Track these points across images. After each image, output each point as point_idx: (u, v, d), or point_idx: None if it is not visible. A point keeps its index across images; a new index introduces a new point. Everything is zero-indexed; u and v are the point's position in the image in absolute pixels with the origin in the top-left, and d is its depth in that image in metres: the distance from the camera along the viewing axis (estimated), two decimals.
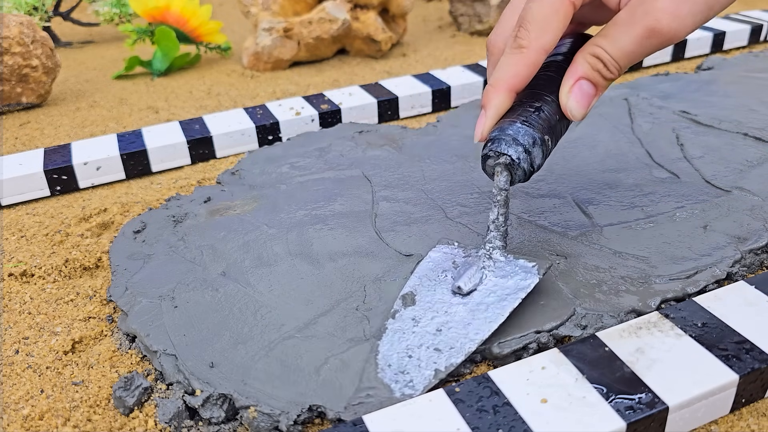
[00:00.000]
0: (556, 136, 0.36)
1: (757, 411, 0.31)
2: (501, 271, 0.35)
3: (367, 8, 0.81)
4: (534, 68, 0.35)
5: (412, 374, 0.31)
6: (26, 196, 0.52)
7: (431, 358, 0.32)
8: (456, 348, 0.32)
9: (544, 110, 0.35)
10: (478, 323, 0.33)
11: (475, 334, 0.33)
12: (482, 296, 0.35)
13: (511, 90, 0.35)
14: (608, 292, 0.36)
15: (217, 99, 0.72)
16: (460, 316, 0.34)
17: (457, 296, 0.35)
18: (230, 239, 0.43)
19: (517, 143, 0.34)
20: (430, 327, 0.33)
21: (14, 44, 0.65)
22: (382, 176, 0.49)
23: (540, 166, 0.36)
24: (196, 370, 0.32)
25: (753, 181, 0.46)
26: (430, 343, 0.33)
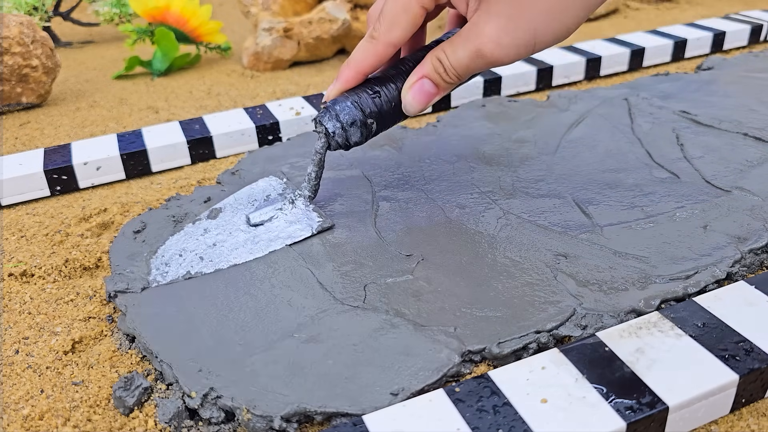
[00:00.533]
0: (385, 121, 0.41)
1: (757, 411, 0.31)
2: (292, 216, 0.41)
3: (367, 8, 0.81)
4: (381, 58, 0.39)
5: (170, 268, 0.37)
6: (26, 196, 0.52)
7: (192, 262, 0.37)
8: (214, 262, 0.38)
9: (381, 96, 0.40)
10: (241, 251, 0.39)
11: (234, 258, 0.38)
12: (262, 232, 0.40)
13: (359, 72, 0.40)
14: (608, 292, 0.36)
15: (217, 99, 0.72)
16: (236, 240, 0.39)
17: (246, 224, 0.40)
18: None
19: (337, 119, 0.40)
20: (210, 240, 0.39)
21: (14, 44, 0.65)
22: (382, 176, 0.49)
23: (358, 142, 0.40)
24: (193, 371, 0.32)
25: (753, 181, 0.46)
26: (201, 251, 0.38)
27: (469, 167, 0.50)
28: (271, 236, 0.38)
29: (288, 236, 0.38)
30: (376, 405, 0.30)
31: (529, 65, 0.69)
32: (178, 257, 0.37)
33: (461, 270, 0.38)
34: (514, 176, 0.48)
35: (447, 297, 0.36)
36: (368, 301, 0.36)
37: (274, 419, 0.29)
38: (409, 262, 0.39)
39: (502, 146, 0.53)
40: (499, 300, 0.36)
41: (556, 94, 0.63)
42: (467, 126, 0.57)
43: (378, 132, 0.41)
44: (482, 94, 0.67)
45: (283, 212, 0.40)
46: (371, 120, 0.39)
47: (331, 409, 0.30)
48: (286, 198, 0.41)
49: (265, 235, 0.38)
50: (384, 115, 0.40)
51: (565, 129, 0.56)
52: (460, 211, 0.44)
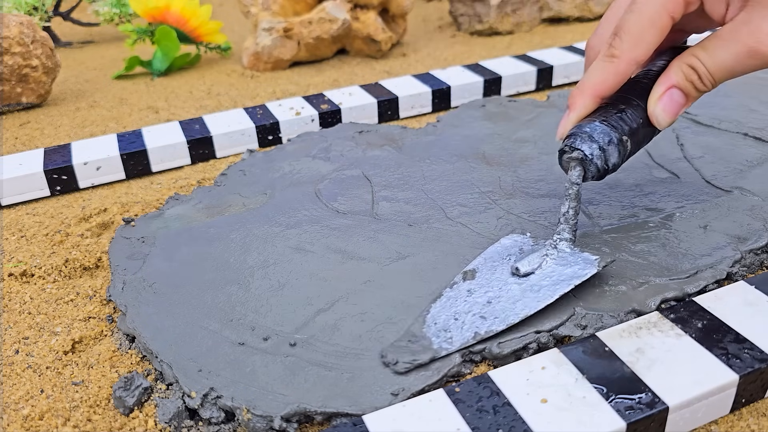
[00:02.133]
0: (637, 139, 0.37)
1: (757, 411, 0.31)
2: (562, 261, 0.37)
3: (367, 8, 0.81)
4: (623, 78, 0.36)
5: (453, 333, 0.33)
6: (26, 196, 0.52)
7: (474, 323, 0.34)
8: (500, 318, 0.34)
9: (628, 113, 0.36)
10: (527, 300, 0.35)
11: (522, 309, 0.34)
12: (538, 279, 0.36)
13: (597, 96, 0.36)
14: (608, 292, 0.36)
15: (217, 99, 0.72)
16: (512, 293, 0.35)
17: (514, 277, 0.36)
18: (230, 239, 0.43)
19: (592, 140, 0.36)
20: (482, 299, 0.35)
21: (14, 44, 0.65)
22: (382, 176, 0.49)
23: (616, 165, 0.36)
24: (193, 371, 0.32)
25: (753, 181, 0.46)
26: (478, 311, 0.34)
27: (469, 167, 0.50)
28: (552, 280, 0.35)
29: (572, 276, 0.35)
30: (376, 405, 0.30)
31: (529, 65, 0.69)
32: (455, 321, 0.34)
33: (461, 270, 0.38)
34: (514, 176, 0.49)
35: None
36: (367, 300, 0.36)
37: (274, 419, 0.29)
38: (407, 262, 0.39)
39: (502, 146, 0.53)
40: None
41: (556, 94, 0.63)
42: (467, 126, 0.57)
43: (633, 152, 0.38)
44: (482, 94, 0.67)
45: (551, 257, 0.36)
46: (626, 137, 0.36)
47: (331, 409, 0.30)
48: (546, 246, 0.37)
49: (543, 281, 0.35)
50: (635, 132, 0.37)
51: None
52: (460, 211, 0.44)
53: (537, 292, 0.35)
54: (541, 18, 0.93)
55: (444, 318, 0.34)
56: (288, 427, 0.30)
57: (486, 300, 0.35)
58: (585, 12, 0.93)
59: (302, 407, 0.30)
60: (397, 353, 0.32)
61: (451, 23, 0.98)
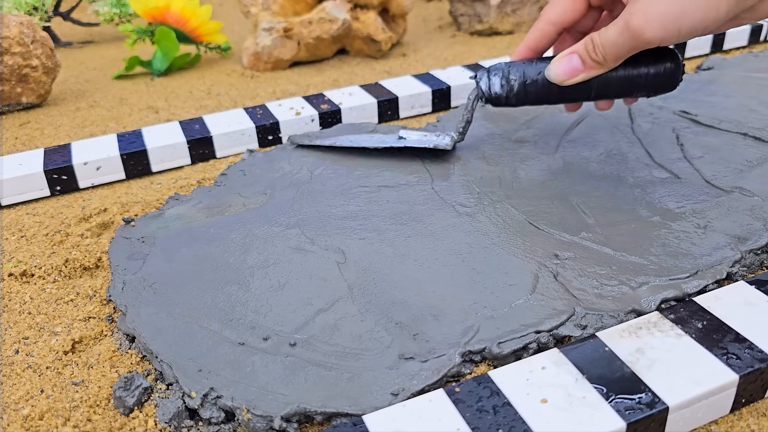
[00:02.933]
0: (528, 88, 0.45)
1: (757, 411, 0.31)
2: (424, 137, 0.52)
3: (367, 8, 0.81)
4: (542, 34, 0.45)
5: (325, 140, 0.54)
6: (26, 196, 0.52)
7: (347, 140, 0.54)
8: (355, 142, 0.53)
9: (533, 65, 0.45)
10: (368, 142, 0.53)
11: (376, 141, 0.53)
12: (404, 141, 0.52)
13: (527, 47, 0.46)
14: (608, 292, 0.36)
15: (217, 99, 0.72)
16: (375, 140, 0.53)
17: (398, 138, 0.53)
18: (230, 239, 0.43)
19: (487, 72, 0.47)
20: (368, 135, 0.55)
21: (14, 44, 0.65)
22: (381, 175, 0.49)
23: (499, 94, 0.46)
24: (193, 371, 0.32)
25: (753, 181, 0.46)
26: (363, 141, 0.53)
27: (470, 168, 0.50)
28: (394, 140, 0.51)
29: (413, 143, 0.50)
30: (376, 405, 0.30)
31: None
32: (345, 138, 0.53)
33: (462, 270, 0.38)
34: (514, 176, 0.49)
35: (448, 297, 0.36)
36: (366, 300, 0.36)
37: (274, 419, 0.29)
38: (407, 262, 0.39)
39: (502, 146, 0.53)
40: (501, 300, 0.36)
41: None
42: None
43: (521, 96, 0.45)
44: None
45: (426, 137, 0.51)
46: (514, 79, 0.45)
47: (331, 409, 0.30)
48: (435, 133, 0.52)
49: (391, 139, 0.52)
50: (528, 81, 0.45)
51: (565, 129, 0.56)
52: (460, 211, 0.44)
53: (393, 141, 0.52)
54: None
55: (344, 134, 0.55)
56: (288, 427, 0.30)
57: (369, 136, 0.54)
58: None
59: (302, 407, 0.30)
60: (298, 138, 0.55)
61: (451, 23, 0.98)
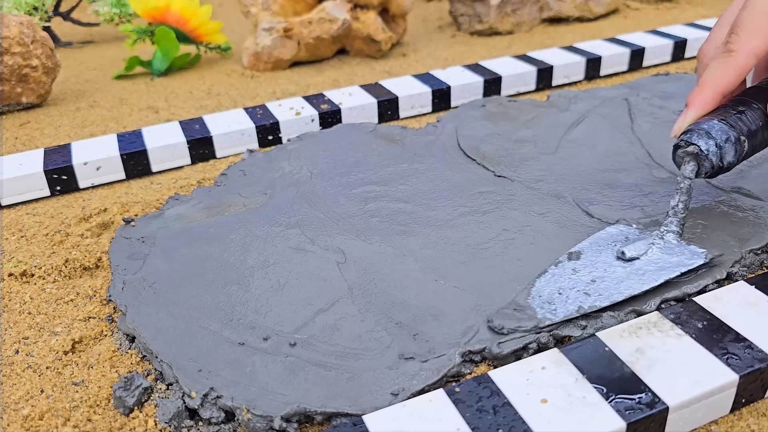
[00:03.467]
0: (756, 142, 0.38)
1: (757, 411, 0.31)
2: (668, 250, 0.38)
3: (367, 8, 0.81)
4: (742, 71, 0.35)
5: (557, 305, 0.35)
6: (26, 196, 0.52)
7: (578, 299, 0.35)
8: (603, 296, 0.35)
9: (747, 115, 0.37)
10: (631, 282, 0.36)
11: (626, 289, 0.35)
12: (643, 264, 0.37)
13: (717, 92, 0.36)
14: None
15: (217, 99, 0.72)
16: (617, 274, 0.37)
17: (619, 260, 0.38)
18: (230, 239, 0.43)
19: (709, 136, 0.37)
20: (586, 278, 0.37)
21: (14, 44, 0.65)
22: (382, 175, 0.49)
23: (731, 164, 0.38)
24: (193, 371, 0.32)
25: (753, 181, 0.46)
26: (581, 288, 0.36)
27: (470, 167, 0.50)
28: (657, 266, 0.36)
29: (678, 264, 0.36)
30: (376, 405, 0.30)
31: (529, 65, 0.69)
32: (559, 295, 0.35)
33: (462, 270, 0.38)
34: (514, 176, 0.48)
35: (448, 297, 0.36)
36: (365, 301, 0.36)
37: (274, 419, 0.29)
38: (407, 262, 0.39)
39: (502, 146, 0.53)
40: (502, 300, 0.36)
41: (556, 94, 0.63)
42: (467, 126, 0.57)
43: (749, 154, 0.39)
44: (482, 94, 0.67)
45: (656, 246, 0.38)
46: (743, 138, 0.37)
47: (331, 409, 0.30)
48: (654, 235, 0.39)
49: (647, 266, 0.37)
50: (754, 134, 0.38)
51: (565, 129, 0.56)
52: (461, 212, 0.44)
53: (642, 275, 0.36)
54: (541, 18, 0.93)
55: (548, 292, 0.36)
56: (288, 427, 0.30)
57: (590, 279, 0.36)
58: (585, 12, 0.93)
59: (302, 407, 0.30)
60: (502, 320, 0.34)
61: (451, 23, 0.98)
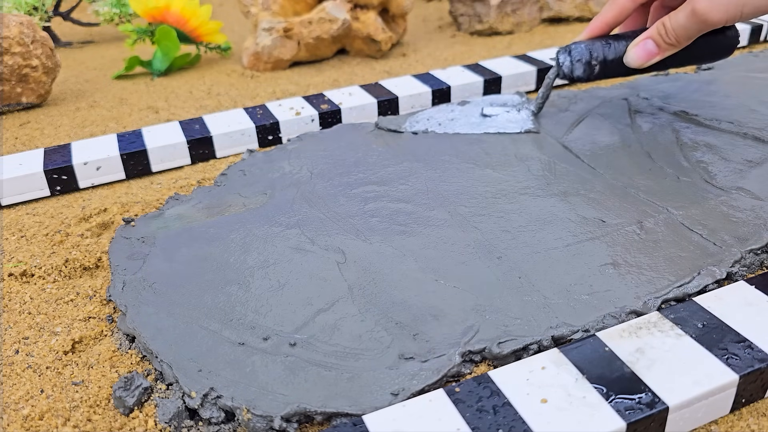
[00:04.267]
0: (607, 68, 0.51)
1: (757, 411, 0.31)
2: (512, 117, 0.55)
3: (367, 8, 0.81)
4: (619, 10, 0.49)
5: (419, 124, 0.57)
6: (26, 196, 0.52)
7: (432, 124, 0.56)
8: (443, 127, 0.56)
9: (611, 47, 0.50)
10: (466, 128, 0.55)
11: (458, 129, 0.55)
12: (487, 121, 0.55)
13: (602, 23, 0.50)
14: (608, 291, 0.36)
15: (217, 99, 0.72)
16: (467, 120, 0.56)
17: (479, 115, 0.57)
18: (230, 239, 0.43)
19: (569, 53, 0.51)
20: (451, 116, 0.57)
21: (14, 44, 0.65)
22: (383, 175, 0.49)
23: (581, 78, 0.51)
24: (193, 371, 0.32)
25: (753, 181, 0.46)
26: (442, 120, 0.57)
27: (470, 167, 0.50)
28: (490, 125, 0.53)
29: (501, 127, 0.53)
30: (376, 405, 0.30)
31: (529, 65, 0.69)
32: (426, 120, 0.55)
33: (462, 270, 0.38)
34: (514, 177, 0.48)
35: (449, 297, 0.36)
36: (365, 300, 0.36)
37: (274, 419, 0.29)
38: (408, 261, 0.39)
39: (503, 146, 0.53)
40: (503, 299, 0.36)
41: (556, 94, 0.63)
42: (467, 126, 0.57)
43: (600, 76, 0.51)
44: (482, 94, 0.66)
45: (508, 113, 0.54)
46: (595, 63, 0.50)
47: (331, 409, 0.30)
48: (515, 107, 0.55)
49: (487, 123, 0.53)
50: (608, 63, 0.50)
51: (565, 129, 0.56)
52: (462, 212, 0.44)
53: (477, 125, 0.55)
54: (541, 18, 0.93)
55: (424, 116, 0.57)
56: (288, 427, 0.30)
57: (451, 118, 0.57)
58: (585, 12, 0.93)
59: (302, 407, 0.30)
60: (384, 123, 0.56)
61: (451, 23, 0.98)
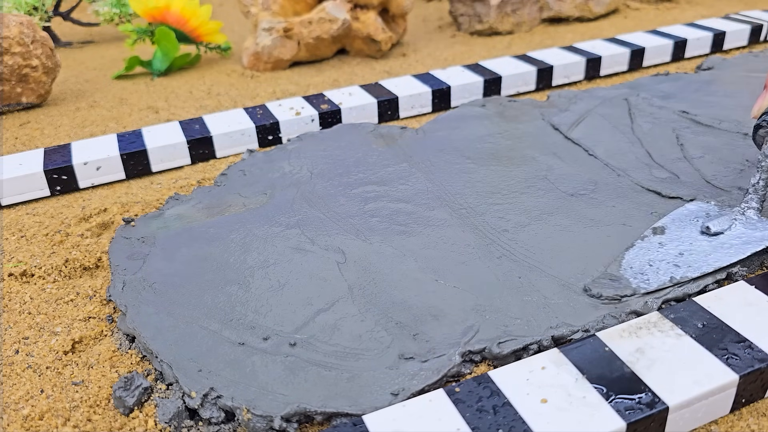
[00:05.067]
0: None
1: (757, 411, 0.31)
2: (751, 225, 0.40)
3: (367, 8, 0.81)
4: None
5: (649, 276, 0.37)
6: (26, 196, 0.52)
7: (669, 270, 0.37)
8: (693, 267, 0.37)
9: None
10: (718, 255, 0.38)
11: (714, 261, 0.37)
12: (727, 238, 0.39)
13: None
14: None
15: (217, 99, 0.72)
16: (703, 248, 0.39)
17: (704, 235, 0.40)
18: (230, 239, 0.43)
19: None
20: (673, 251, 0.39)
21: (14, 44, 0.65)
22: (383, 176, 0.49)
23: None
24: (193, 371, 0.32)
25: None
26: (671, 260, 0.38)
27: (469, 167, 0.50)
28: (742, 240, 0.39)
29: (762, 239, 0.38)
30: (376, 405, 0.30)
31: (529, 65, 0.69)
32: (649, 266, 0.38)
33: (462, 270, 0.38)
34: (514, 176, 0.48)
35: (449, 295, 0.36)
36: (366, 300, 0.36)
37: (274, 419, 0.29)
38: (409, 262, 0.39)
39: (502, 146, 0.53)
40: (503, 299, 0.36)
41: (556, 94, 0.63)
42: (467, 126, 0.57)
43: None
44: (482, 94, 0.67)
45: (738, 221, 0.40)
46: None
47: (331, 409, 0.30)
48: (735, 211, 0.41)
49: (732, 240, 0.39)
50: None
51: (565, 129, 0.56)
52: (460, 212, 0.44)
53: (728, 248, 0.38)
54: (541, 18, 0.93)
55: (639, 264, 0.38)
56: (288, 427, 0.30)
57: (678, 252, 0.39)
58: (585, 12, 0.93)
59: (302, 407, 0.30)
60: (600, 288, 0.36)
61: (451, 23, 0.98)
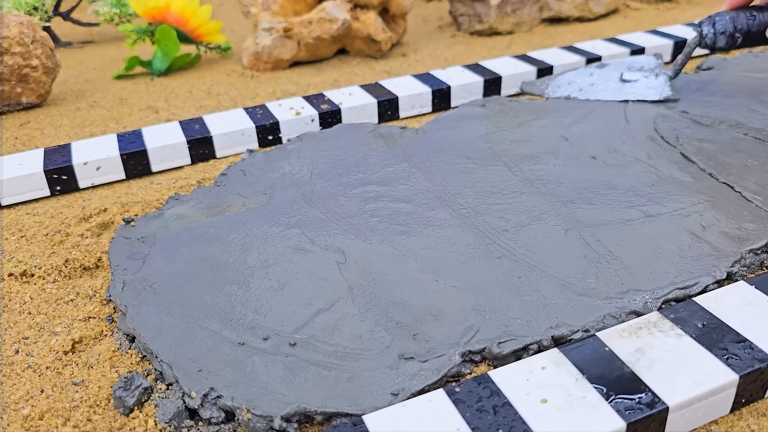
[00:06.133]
0: (750, 39, 0.53)
1: (757, 411, 0.31)
2: (651, 83, 0.58)
3: (367, 8, 0.81)
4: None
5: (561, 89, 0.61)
6: (26, 196, 0.52)
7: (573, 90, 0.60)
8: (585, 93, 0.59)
9: (758, 18, 0.51)
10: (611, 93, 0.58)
11: (599, 95, 0.58)
12: (627, 86, 0.57)
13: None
14: (608, 291, 0.36)
15: (217, 99, 0.72)
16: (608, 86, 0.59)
17: (618, 79, 0.59)
18: (230, 239, 0.43)
19: (713, 25, 0.53)
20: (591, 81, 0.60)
21: (14, 44, 0.65)
22: (382, 175, 0.49)
23: (723, 49, 0.54)
24: (193, 371, 0.32)
25: (753, 181, 0.46)
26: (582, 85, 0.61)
27: (469, 167, 0.50)
28: (630, 91, 0.56)
29: (641, 94, 0.55)
30: (376, 405, 0.30)
31: (529, 65, 0.69)
32: (567, 85, 0.58)
33: (462, 270, 0.38)
34: (514, 176, 0.48)
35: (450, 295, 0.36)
36: (366, 300, 0.36)
37: (274, 419, 0.29)
38: (408, 261, 0.39)
39: (502, 146, 0.53)
40: (503, 299, 0.36)
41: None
42: (467, 126, 0.57)
43: (740, 47, 0.54)
44: (482, 94, 0.67)
45: (647, 79, 0.56)
46: (738, 35, 0.52)
47: (331, 409, 0.30)
48: (653, 71, 0.57)
49: (627, 89, 0.56)
50: (751, 35, 0.52)
51: (565, 129, 0.56)
52: (460, 212, 0.44)
53: (618, 91, 0.58)
54: (541, 18, 0.93)
55: (565, 80, 0.60)
56: (288, 427, 0.30)
57: (592, 82, 0.59)
58: (585, 12, 0.93)
59: (302, 407, 0.30)
60: (526, 87, 0.61)
61: (451, 23, 0.98)
